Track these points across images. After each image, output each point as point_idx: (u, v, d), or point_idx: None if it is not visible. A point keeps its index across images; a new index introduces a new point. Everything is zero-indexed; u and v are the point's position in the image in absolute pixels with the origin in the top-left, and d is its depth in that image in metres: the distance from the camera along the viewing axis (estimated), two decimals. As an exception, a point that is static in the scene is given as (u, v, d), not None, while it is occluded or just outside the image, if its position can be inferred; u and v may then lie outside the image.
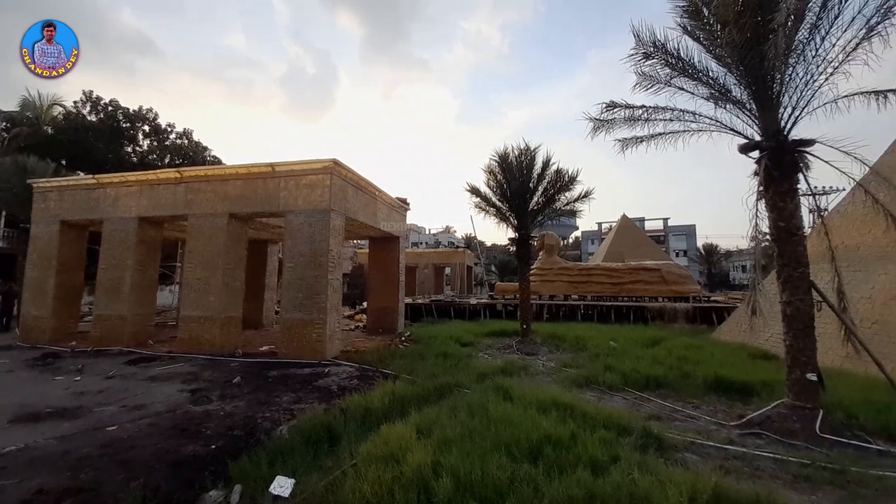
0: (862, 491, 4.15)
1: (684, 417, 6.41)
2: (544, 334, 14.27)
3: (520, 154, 14.04)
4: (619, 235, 38.42)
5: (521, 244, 14.13)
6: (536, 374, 9.38)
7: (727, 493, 3.66)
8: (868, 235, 10.07)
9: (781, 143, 6.49)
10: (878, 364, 6.41)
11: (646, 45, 7.87)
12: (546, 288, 22.42)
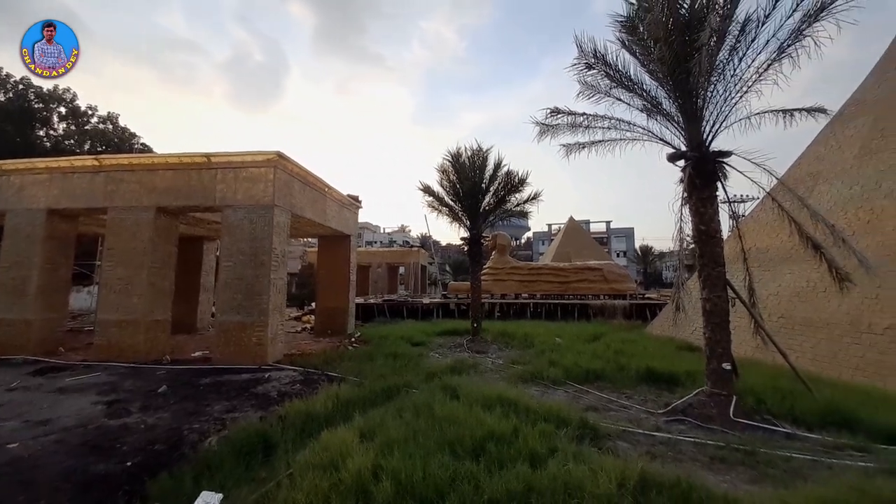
0: (770, 471, 4.62)
1: (618, 407, 6.82)
2: (495, 332, 14.57)
3: (472, 155, 14.23)
4: (567, 237, 40.31)
5: (472, 244, 14.31)
6: (485, 371, 9.53)
7: (652, 478, 3.92)
8: (776, 239, 11.35)
9: (703, 153, 7.11)
10: (782, 354, 7.23)
11: (587, 56, 8.28)
12: (498, 287, 22.94)
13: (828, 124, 11.22)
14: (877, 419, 5.67)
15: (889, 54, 10.58)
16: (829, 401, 6.34)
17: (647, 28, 7.41)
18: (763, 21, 6.90)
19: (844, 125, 11.00)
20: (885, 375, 7.62)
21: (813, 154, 11.76)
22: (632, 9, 7.77)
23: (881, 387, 7.38)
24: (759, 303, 7.79)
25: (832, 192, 10.45)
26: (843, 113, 11.14)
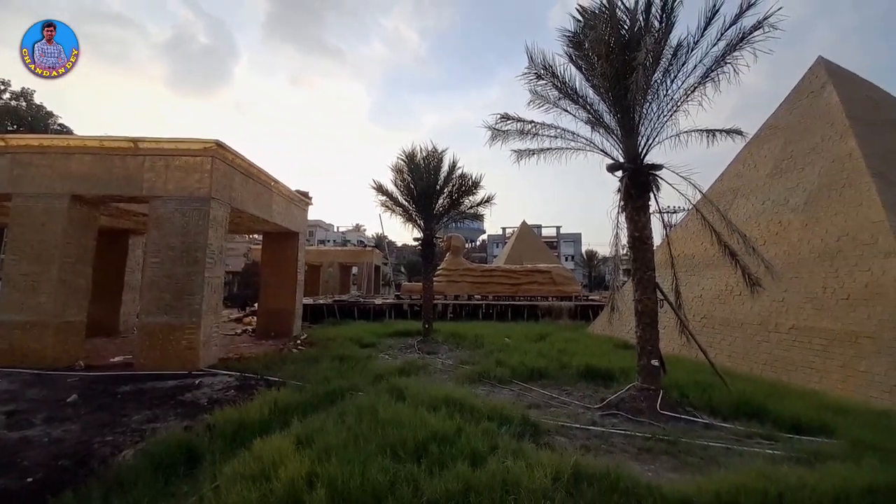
0: (690, 459, 5.02)
1: (559, 403, 7.11)
2: (446, 333, 14.63)
3: (427, 155, 14.24)
4: (519, 240, 41.59)
5: (426, 244, 14.30)
6: (435, 372, 9.54)
7: (585, 470, 4.10)
8: (700, 247, 12.46)
9: (638, 165, 7.63)
10: (703, 351, 7.94)
11: (537, 67, 8.60)
12: (451, 288, 23.11)
13: (746, 145, 12.54)
14: (782, 410, 6.36)
15: (800, 86, 12.04)
16: (741, 393, 7.04)
17: (591, 45, 7.84)
18: (692, 47, 7.54)
19: (759, 147, 12.35)
20: (789, 371, 8.63)
21: (733, 171, 13.08)
22: (578, 25, 8.18)
23: (786, 381, 8.34)
24: (684, 304, 8.50)
25: (748, 206, 11.68)
26: (758, 136, 12.51)
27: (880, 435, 5.31)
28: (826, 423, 5.83)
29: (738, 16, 6.90)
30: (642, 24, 7.45)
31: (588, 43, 7.92)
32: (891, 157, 9.12)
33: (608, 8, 7.58)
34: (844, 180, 9.21)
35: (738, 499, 3.56)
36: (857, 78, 11.33)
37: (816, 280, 8.89)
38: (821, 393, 7.44)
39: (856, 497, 3.62)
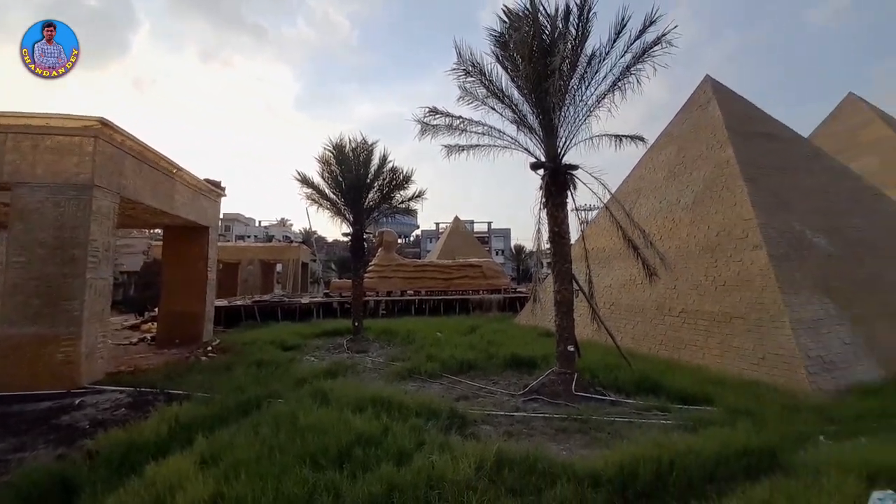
0: (599, 435, 5.48)
1: (486, 393, 7.36)
2: (377, 330, 14.35)
3: (357, 147, 13.71)
4: (452, 235, 42.32)
5: (356, 240, 13.81)
6: (364, 371, 9.29)
7: (507, 456, 4.26)
8: (610, 241, 13.70)
9: (558, 165, 8.12)
10: (610, 335, 8.76)
11: (465, 64, 8.70)
12: (384, 284, 22.72)
13: (647, 151, 14.01)
14: (674, 384, 7.26)
15: (691, 100, 13.75)
16: (642, 371, 7.91)
17: (516, 46, 8.13)
18: (604, 57, 8.16)
19: (658, 153, 13.91)
20: (679, 349, 9.87)
21: (636, 174, 14.59)
22: (504, 26, 8.42)
23: (677, 358, 9.53)
24: (596, 293, 9.28)
25: (648, 205, 13.12)
26: (657, 143, 14.07)
27: (750, 401, 6.29)
28: (708, 394, 6.76)
29: (641, 31, 7.62)
30: (561, 30, 7.89)
31: (513, 44, 8.20)
32: (760, 164, 10.86)
33: (531, 12, 7.91)
34: (723, 184, 10.76)
35: (638, 468, 3.96)
36: (736, 95, 13.27)
37: (700, 269, 10.29)
38: (704, 367, 8.63)
39: (733, 457, 4.24)
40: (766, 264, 8.79)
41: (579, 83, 8.36)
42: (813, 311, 8.25)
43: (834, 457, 3.76)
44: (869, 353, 7.88)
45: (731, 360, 8.59)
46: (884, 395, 6.45)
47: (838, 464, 3.57)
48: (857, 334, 8.11)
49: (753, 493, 3.47)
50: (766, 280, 8.64)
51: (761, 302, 8.56)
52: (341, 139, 13.43)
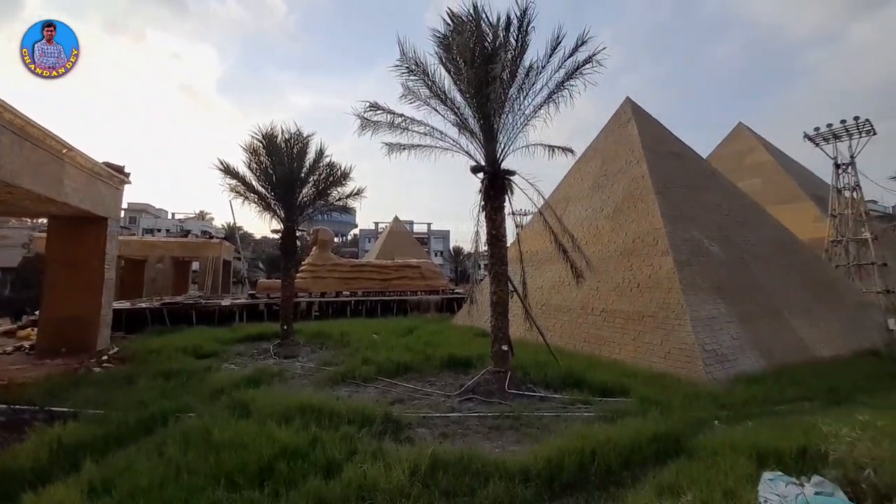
0: (529, 430, 5.68)
1: (422, 395, 7.29)
2: (309, 333, 13.60)
3: (291, 138, 12.87)
4: (391, 235, 41.77)
5: (287, 237, 12.94)
6: (292, 378, 8.71)
7: (442, 458, 4.23)
8: (543, 245, 14.45)
9: (497, 169, 8.34)
10: (541, 334, 9.20)
11: (409, 62, 8.60)
12: (318, 284, 21.62)
13: (576, 162, 15.08)
14: (595, 378, 7.79)
15: (613, 118, 15.03)
16: (568, 367, 8.39)
17: (459, 50, 8.21)
18: (540, 70, 8.55)
19: (585, 164, 15.01)
20: (600, 345, 10.67)
21: (567, 183, 15.60)
22: (448, 29, 8.47)
23: (598, 354, 10.29)
24: (529, 294, 9.70)
25: (576, 212, 14.08)
26: (585, 155, 15.18)
27: (659, 392, 6.96)
28: (624, 386, 7.37)
29: (574, 49, 8.12)
30: (503, 39, 8.13)
31: (456, 47, 8.27)
32: (668, 180, 12.18)
33: (474, 18, 8.05)
34: (638, 196, 11.90)
35: (564, 461, 4.17)
36: (651, 117, 14.77)
37: (619, 272, 11.27)
38: (620, 362, 9.43)
39: (645, 444, 4.63)
40: (672, 269, 9.88)
41: (518, 93, 8.67)
42: (708, 311, 9.44)
43: (727, 440, 4.29)
44: (753, 347, 9.19)
45: (643, 355, 9.49)
46: (765, 383, 7.55)
47: (731, 446, 4.07)
48: (744, 331, 9.43)
49: (662, 477, 3.82)
50: (672, 283, 9.71)
51: (668, 302, 9.59)
52: (273, 128, 12.53)
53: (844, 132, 17.75)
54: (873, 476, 3.00)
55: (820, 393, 7.03)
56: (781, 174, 29.65)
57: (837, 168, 18.03)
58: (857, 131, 17.42)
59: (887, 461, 3.08)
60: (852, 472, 3.11)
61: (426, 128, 8.96)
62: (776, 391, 7.03)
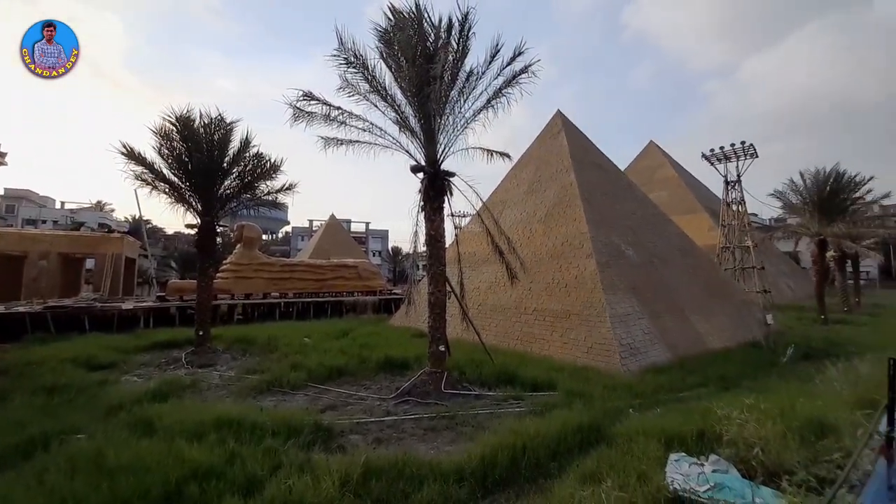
0: (465, 429, 5.73)
1: (357, 400, 7.03)
2: (230, 339, 12.47)
3: (212, 123, 11.67)
4: (327, 234, 40.02)
5: (205, 233, 11.71)
6: (209, 389, 7.89)
7: (375, 465, 4.08)
8: (480, 246, 14.81)
9: (437, 170, 8.36)
10: (477, 333, 9.40)
11: (348, 53, 8.26)
12: (242, 285, 19.91)
13: (512, 167, 15.73)
14: (526, 374, 8.13)
15: (546, 128, 15.90)
16: (502, 365, 8.67)
17: (400, 47, 8.09)
18: (480, 76, 8.74)
19: (521, 170, 15.69)
20: (532, 343, 11.19)
21: (504, 187, 16.19)
22: (390, 24, 8.30)
23: (529, 351, 10.77)
24: (467, 294, 9.86)
25: (512, 215, 14.66)
26: (521, 161, 15.87)
27: (583, 384, 7.46)
28: (552, 380, 7.79)
29: (512, 59, 8.42)
30: (444, 40, 8.17)
31: (397, 44, 8.13)
32: (593, 189, 13.19)
33: (416, 16, 7.99)
34: (567, 202, 12.72)
35: (497, 457, 4.26)
36: (578, 130, 15.89)
37: (549, 273, 11.94)
38: (549, 357, 9.97)
39: (570, 434, 4.91)
40: (595, 270, 10.70)
41: (459, 95, 8.77)
42: (625, 308, 10.37)
43: (640, 426, 4.71)
44: (660, 341, 10.28)
45: (569, 350, 10.14)
46: (670, 373, 8.47)
47: (644, 432, 4.48)
48: (653, 326, 10.51)
49: (585, 465, 4.07)
50: (595, 283, 10.52)
51: (591, 301, 10.37)
52: (190, 111, 11.27)
53: (733, 154, 20.70)
54: (761, 454, 3.47)
55: (714, 380, 8.07)
56: (683, 188, 33.86)
57: (727, 185, 20.96)
58: (743, 154, 20.42)
59: (772, 440, 3.59)
60: (743, 451, 3.58)
61: (365, 123, 8.70)
62: (679, 380, 7.92)
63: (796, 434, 3.88)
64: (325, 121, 8.27)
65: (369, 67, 8.53)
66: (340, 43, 8.18)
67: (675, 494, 3.17)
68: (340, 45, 8.19)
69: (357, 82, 8.71)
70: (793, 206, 21.23)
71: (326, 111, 8.14)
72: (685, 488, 3.13)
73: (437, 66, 7.23)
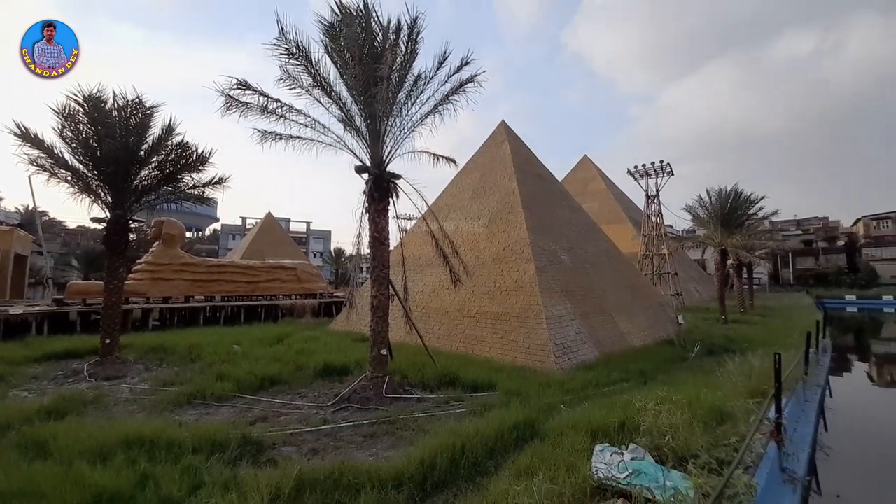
0: (405, 433, 5.67)
1: (291, 409, 6.66)
2: (144, 348, 11.20)
3: (127, 106, 10.45)
4: (263, 233, 37.53)
5: (115, 228, 10.39)
6: (116, 404, 7.01)
7: (309, 476, 3.90)
8: (425, 249, 14.86)
9: (382, 171, 8.25)
10: (419, 336, 9.39)
11: (289, 43, 7.88)
12: (159, 288, 17.96)
13: (458, 173, 16.01)
14: (467, 376, 8.28)
15: (491, 137, 16.45)
16: (444, 367, 8.75)
17: (347, 43, 7.89)
18: (428, 81, 8.80)
19: (466, 175, 16.03)
20: (474, 345, 11.43)
21: (450, 191, 16.42)
22: (336, 19, 8.06)
23: (472, 353, 11.00)
24: (411, 298, 9.83)
25: (457, 219, 14.91)
26: (466, 167, 16.22)
27: (521, 383, 7.76)
28: (492, 381, 8.01)
29: (459, 67, 8.58)
30: (392, 42, 8.11)
31: (344, 40, 7.91)
32: (533, 197, 13.85)
33: (364, 14, 7.85)
34: (509, 208, 13.24)
35: (436, 459, 4.29)
36: (521, 140, 16.63)
37: (491, 277, 12.32)
38: (491, 359, 10.26)
39: (507, 432, 5.08)
40: (534, 274, 11.25)
41: (406, 98, 8.75)
42: (559, 311, 11.01)
43: (570, 421, 5.03)
44: (589, 340, 11.05)
45: (508, 351, 10.52)
46: (597, 369, 9.12)
47: (573, 426, 4.78)
48: (583, 326, 11.27)
49: (520, 461, 4.24)
50: (533, 286, 11.05)
51: (529, 303, 10.87)
52: (101, 90, 9.99)
53: (653, 171, 23.00)
54: (672, 441, 3.87)
55: (634, 374, 8.84)
56: (612, 200, 36.92)
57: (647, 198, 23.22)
58: (662, 171, 22.76)
59: (681, 428, 4.01)
60: (657, 439, 3.96)
61: (307, 119, 8.37)
62: (605, 375, 8.57)
63: (701, 422, 4.40)
64: (262, 113, 7.81)
65: (313, 61, 8.21)
66: (281, 32, 7.77)
67: (599, 483, 3.42)
68: (281, 34, 7.79)
69: (299, 75, 8.34)
70: (700, 219, 24.09)
71: (264, 102, 7.69)
72: (608, 476, 3.39)
73: (384, 66, 7.16)
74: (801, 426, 5.76)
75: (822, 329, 12.38)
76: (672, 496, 2.98)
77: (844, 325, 27.05)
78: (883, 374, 15.08)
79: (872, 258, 51.61)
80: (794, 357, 7.21)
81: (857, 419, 9.40)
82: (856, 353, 18.86)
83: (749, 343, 12.17)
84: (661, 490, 3.09)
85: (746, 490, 2.99)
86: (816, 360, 9.50)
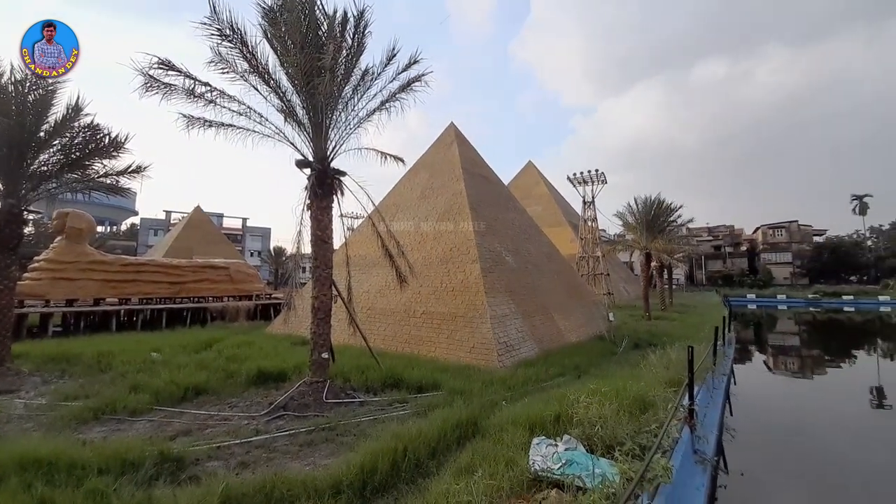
0: (346, 439, 5.47)
1: (218, 421, 6.14)
2: (42, 357, 9.73)
3: (24, 80, 9.01)
4: (190, 228, 34.34)
5: (6, 220, 8.93)
6: (8, 421, 6.02)
7: (237, 492, 3.62)
8: (371, 249, 14.54)
9: (325, 167, 7.92)
10: (363, 338, 9.15)
11: (223, 24, 7.28)
12: (62, 289, 15.69)
13: (407, 172, 15.90)
14: (412, 377, 8.20)
15: (440, 138, 16.52)
16: (389, 369, 8.60)
17: (288, 29, 7.46)
18: (376, 77, 8.62)
19: (415, 175, 15.95)
20: (420, 345, 11.39)
21: (398, 191, 16.24)
22: (276, 2, 7.61)
23: (417, 353, 10.94)
24: (354, 298, 9.55)
25: (404, 219, 14.78)
26: (415, 166, 16.15)
27: (465, 382, 7.85)
28: (437, 381, 8.02)
29: (408, 65, 8.51)
30: (338, 33, 7.83)
31: (284, 26, 7.48)
32: (480, 198, 14.13)
33: (307, 0, 7.49)
34: (457, 209, 13.39)
35: (377, 463, 4.19)
36: (469, 143, 16.90)
37: (438, 277, 12.37)
38: (436, 359, 10.29)
39: (450, 431, 5.09)
40: (479, 275, 11.48)
41: (353, 92, 8.49)
42: (503, 310, 11.34)
43: (510, 416, 5.17)
44: (530, 337, 11.50)
45: (454, 351, 10.63)
46: (537, 365, 9.51)
47: (513, 421, 4.92)
48: (525, 324, 11.71)
49: (461, 459, 4.28)
50: (478, 287, 11.27)
51: (474, 303, 11.07)
52: (-10, 60, 8.52)
53: (590, 179, 24.69)
54: (601, 430, 4.12)
55: (570, 369, 9.36)
56: (553, 204, 38.94)
57: (584, 204, 24.82)
58: (597, 179, 24.50)
59: (609, 418, 4.29)
60: (588, 429, 4.20)
61: (241, 107, 7.79)
62: (544, 371, 8.97)
63: (626, 411, 4.74)
64: (189, 97, 7.13)
65: (249, 45, 7.66)
66: (213, 10, 7.15)
67: (536, 475, 3.55)
68: (213, 12, 7.17)
69: (234, 59, 7.75)
70: (629, 224, 26.25)
71: (190, 85, 7.02)
72: (543, 468, 3.54)
73: (327, 56, 6.87)
74: (710, 411, 6.47)
75: (727, 324, 14.02)
76: (600, 483, 3.17)
77: (746, 319, 30.91)
78: (777, 362, 17.45)
79: (769, 262, 59.86)
80: (705, 349, 8.08)
81: (757, 403, 10.77)
82: (755, 344, 21.64)
83: (668, 337, 13.42)
84: (590, 478, 3.28)
85: (664, 472, 3.27)
86: (723, 352, 10.73)
